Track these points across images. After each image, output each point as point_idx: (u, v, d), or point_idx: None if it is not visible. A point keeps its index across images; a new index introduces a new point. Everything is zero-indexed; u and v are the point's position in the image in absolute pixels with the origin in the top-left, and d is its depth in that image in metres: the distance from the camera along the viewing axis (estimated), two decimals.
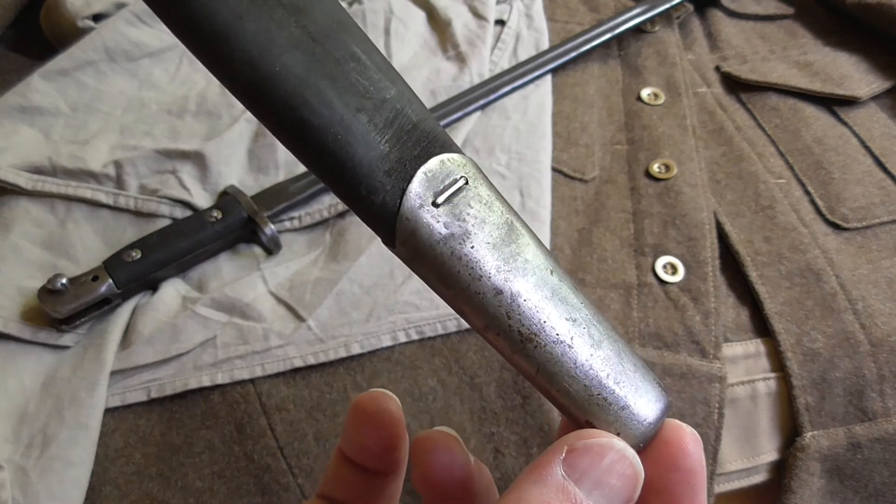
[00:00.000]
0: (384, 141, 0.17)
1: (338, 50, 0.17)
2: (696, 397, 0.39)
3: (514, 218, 0.19)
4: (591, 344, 0.19)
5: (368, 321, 0.39)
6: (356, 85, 0.17)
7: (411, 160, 0.18)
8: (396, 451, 0.23)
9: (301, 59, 0.16)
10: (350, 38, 0.17)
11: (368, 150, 0.17)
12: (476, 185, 0.18)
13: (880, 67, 0.56)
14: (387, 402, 0.22)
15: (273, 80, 0.16)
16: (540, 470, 0.17)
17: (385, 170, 0.17)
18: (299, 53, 0.16)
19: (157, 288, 0.41)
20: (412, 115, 0.18)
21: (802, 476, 0.38)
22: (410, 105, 0.18)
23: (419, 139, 0.18)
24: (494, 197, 0.19)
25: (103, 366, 0.37)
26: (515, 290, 0.18)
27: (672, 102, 0.54)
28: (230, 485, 0.36)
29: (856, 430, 0.39)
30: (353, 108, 0.17)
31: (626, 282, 0.43)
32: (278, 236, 0.43)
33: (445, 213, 0.18)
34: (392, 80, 0.18)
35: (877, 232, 0.45)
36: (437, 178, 0.18)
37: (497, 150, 0.48)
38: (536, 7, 0.62)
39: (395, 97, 0.18)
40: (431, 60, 0.56)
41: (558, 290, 0.19)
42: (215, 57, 0.16)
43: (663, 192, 0.47)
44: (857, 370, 0.39)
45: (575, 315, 0.19)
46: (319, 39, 0.16)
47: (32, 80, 0.50)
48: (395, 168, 0.17)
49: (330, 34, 0.17)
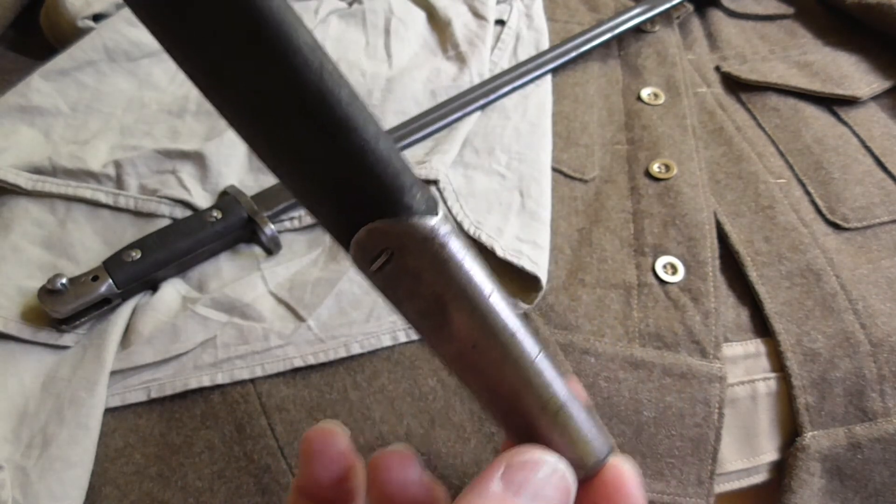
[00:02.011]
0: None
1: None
2: (696, 397, 0.39)
3: (447, 290, 0.18)
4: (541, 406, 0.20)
5: (368, 321, 0.39)
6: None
7: (348, 228, 0.18)
8: (348, 481, 0.23)
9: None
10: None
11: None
12: (403, 257, 0.18)
13: (880, 67, 0.56)
14: (333, 436, 0.23)
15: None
16: (481, 484, 0.19)
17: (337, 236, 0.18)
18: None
19: (157, 288, 0.41)
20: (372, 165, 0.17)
21: (802, 476, 0.38)
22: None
23: (358, 202, 0.17)
24: (426, 266, 0.18)
25: (103, 366, 0.37)
26: (445, 357, 0.20)
27: (672, 102, 0.54)
28: (230, 485, 0.36)
29: (856, 431, 0.39)
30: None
31: (626, 282, 0.43)
32: (278, 236, 0.43)
33: (379, 279, 0.18)
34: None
35: (877, 232, 0.45)
36: (366, 249, 0.18)
37: (497, 150, 0.48)
38: (536, 7, 0.62)
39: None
40: (431, 60, 0.56)
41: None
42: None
43: (663, 192, 0.47)
44: (857, 370, 0.39)
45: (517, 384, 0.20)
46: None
47: (32, 80, 0.49)
48: (344, 238, 0.18)
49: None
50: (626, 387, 0.39)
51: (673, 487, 0.38)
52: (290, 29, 0.15)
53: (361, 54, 0.56)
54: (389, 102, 0.51)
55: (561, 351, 0.39)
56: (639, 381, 0.39)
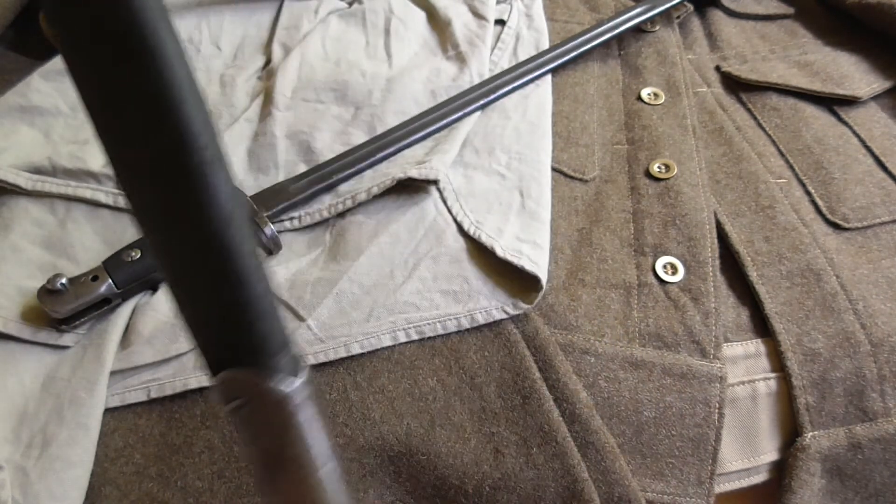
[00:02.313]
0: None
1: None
2: (696, 397, 0.39)
3: (285, 452, 0.19)
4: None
5: (368, 321, 0.39)
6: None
7: (216, 364, 0.19)
8: None
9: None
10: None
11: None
12: (256, 410, 0.19)
13: (880, 67, 0.56)
14: None
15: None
16: None
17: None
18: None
19: (157, 288, 0.41)
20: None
21: (803, 476, 0.38)
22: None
23: (229, 347, 0.18)
24: (273, 425, 0.19)
25: (103, 366, 0.37)
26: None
27: (672, 102, 0.54)
28: (230, 485, 0.36)
29: (856, 431, 0.39)
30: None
31: (626, 282, 0.43)
32: (278, 236, 0.43)
33: (233, 418, 0.20)
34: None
35: (877, 232, 0.45)
36: (226, 390, 0.19)
37: (497, 150, 0.48)
38: (536, 7, 0.62)
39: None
40: (431, 60, 0.56)
41: None
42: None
43: (663, 192, 0.47)
44: (857, 370, 0.39)
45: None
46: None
47: (32, 80, 0.49)
48: (210, 369, 0.19)
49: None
50: (626, 387, 0.39)
51: (673, 487, 0.38)
52: (215, 180, 0.15)
53: (361, 54, 0.56)
54: (389, 102, 0.51)
55: (561, 351, 0.39)
56: (639, 381, 0.39)
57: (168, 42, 0.13)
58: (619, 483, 0.37)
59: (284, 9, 0.60)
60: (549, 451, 0.37)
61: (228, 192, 0.16)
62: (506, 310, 0.39)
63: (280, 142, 0.49)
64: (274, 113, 0.50)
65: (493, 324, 0.39)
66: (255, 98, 0.52)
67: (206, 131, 0.15)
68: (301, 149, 0.49)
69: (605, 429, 0.38)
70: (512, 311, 0.39)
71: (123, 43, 0.13)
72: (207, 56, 0.57)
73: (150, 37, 0.13)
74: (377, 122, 0.50)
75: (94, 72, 0.13)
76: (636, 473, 0.38)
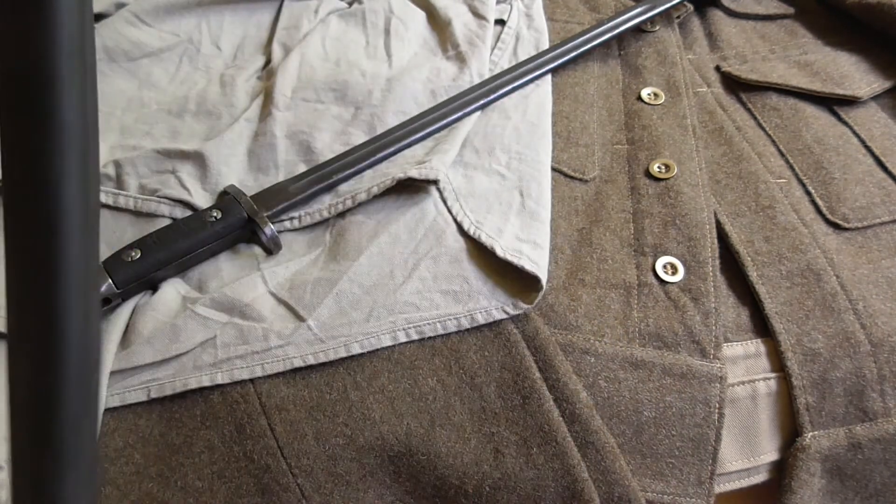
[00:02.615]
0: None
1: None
2: (696, 397, 0.39)
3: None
4: None
5: (368, 321, 0.39)
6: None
7: None
8: None
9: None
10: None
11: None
12: None
13: (880, 67, 0.56)
14: None
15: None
16: None
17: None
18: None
19: (156, 288, 0.41)
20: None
21: (803, 476, 0.38)
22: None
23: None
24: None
25: (103, 366, 0.37)
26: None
27: (672, 102, 0.54)
28: (230, 485, 0.36)
29: (856, 431, 0.39)
30: None
31: (626, 282, 0.43)
32: (278, 236, 0.43)
33: None
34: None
35: (877, 232, 0.45)
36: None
37: (497, 150, 0.48)
38: (536, 7, 0.62)
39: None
40: (431, 60, 0.56)
41: None
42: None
43: (663, 192, 0.47)
44: (857, 370, 0.39)
45: None
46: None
47: None
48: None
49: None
50: (626, 387, 0.39)
51: (673, 487, 0.38)
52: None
53: (361, 54, 0.56)
54: (389, 102, 0.51)
55: (561, 351, 0.39)
56: (639, 381, 0.39)
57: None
58: (619, 483, 0.37)
59: (284, 9, 0.60)
60: (549, 451, 0.37)
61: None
62: (506, 310, 0.39)
63: (280, 142, 0.49)
64: (274, 113, 0.50)
65: (493, 324, 0.39)
66: (255, 98, 0.52)
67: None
68: (301, 149, 0.49)
69: (605, 429, 0.38)
70: (512, 311, 0.39)
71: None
72: (207, 56, 0.57)
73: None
74: (377, 122, 0.50)
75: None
76: (636, 473, 0.38)
